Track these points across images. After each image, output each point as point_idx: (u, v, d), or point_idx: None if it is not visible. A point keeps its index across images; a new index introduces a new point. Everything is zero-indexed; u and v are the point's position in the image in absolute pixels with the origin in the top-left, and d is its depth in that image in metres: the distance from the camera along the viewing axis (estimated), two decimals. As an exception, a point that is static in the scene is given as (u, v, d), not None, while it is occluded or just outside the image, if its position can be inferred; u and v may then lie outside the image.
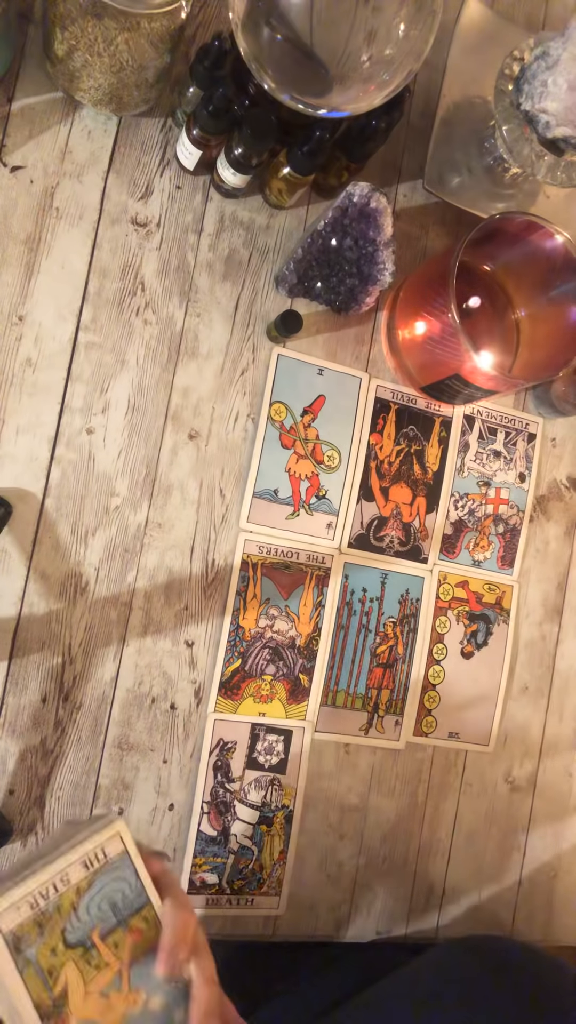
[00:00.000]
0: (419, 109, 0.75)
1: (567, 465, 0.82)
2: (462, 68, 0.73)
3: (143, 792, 0.66)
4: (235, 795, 0.68)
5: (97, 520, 0.65)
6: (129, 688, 0.66)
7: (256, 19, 0.54)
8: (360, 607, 0.73)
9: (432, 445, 0.76)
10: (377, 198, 0.64)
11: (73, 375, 0.64)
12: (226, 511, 0.69)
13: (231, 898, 0.68)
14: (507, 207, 0.75)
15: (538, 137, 0.65)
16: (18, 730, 0.62)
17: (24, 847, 0.62)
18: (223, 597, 0.68)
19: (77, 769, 0.64)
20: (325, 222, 0.65)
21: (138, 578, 0.66)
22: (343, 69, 0.55)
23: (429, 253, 0.76)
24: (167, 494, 0.67)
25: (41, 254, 0.63)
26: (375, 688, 0.73)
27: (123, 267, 0.66)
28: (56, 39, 0.57)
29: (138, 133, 0.66)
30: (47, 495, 0.63)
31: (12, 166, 0.63)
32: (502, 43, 0.71)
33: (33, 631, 0.63)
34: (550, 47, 0.63)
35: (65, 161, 0.64)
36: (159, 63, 0.59)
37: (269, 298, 0.70)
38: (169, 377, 0.67)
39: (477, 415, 0.78)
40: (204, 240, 0.68)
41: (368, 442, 0.73)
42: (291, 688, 0.70)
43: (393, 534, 0.74)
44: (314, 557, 0.71)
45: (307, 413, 0.71)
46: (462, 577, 0.77)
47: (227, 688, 0.68)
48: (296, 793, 0.70)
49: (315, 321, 0.71)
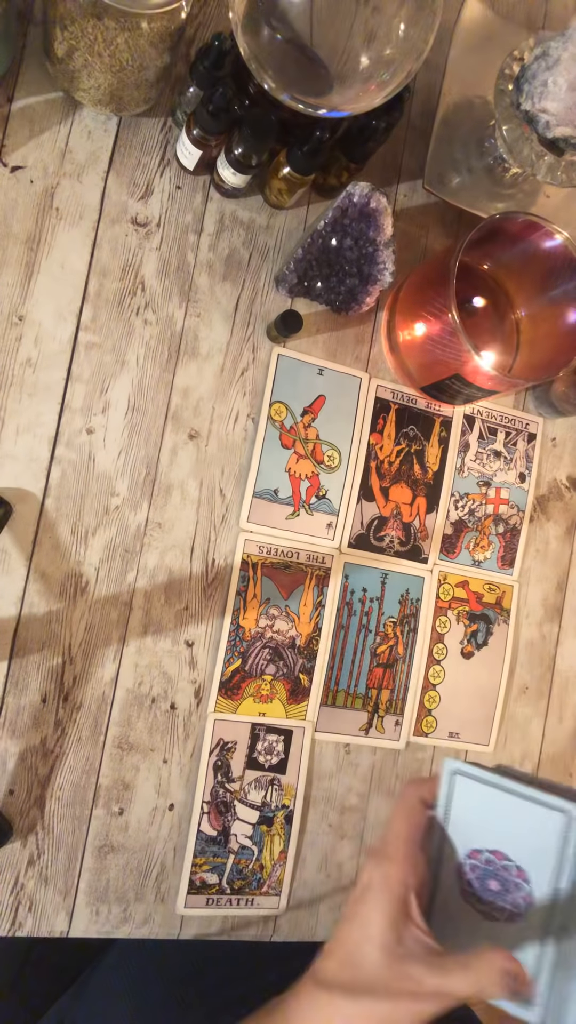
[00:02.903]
0: (419, 109, 0.75)
1: (567, 465, 0.82)
2: (462, 68, 0.73)
3: (143, 792, 0.66)
4: (235, 795, 0.68)
5: (97, 520, 0.65)
6: (129, 688, 0.66)
7: (256, 19, 0.54)
8: (360, 607, 0.73)
9: (432, 445, 0.76)
10: (377, 198, 0.64)
11: (73, 375, 0.64)
12: (226, 511, 0.69)
13: (231, 898, 0.68)
14: (507, 207, 0.75)
15: (538, 137, 0.65)
16: (18, 730, 0.62)
17: (24, 847, 0.62)
18: (223, 597, 0.68)
19: (77, 769, 0.64)
20: (325, 222, 0.65)
21: (138, 578, 0.66)
22: (343, 69, 0.55)
23: (429, 253, 0.76)
24: (167, 494, 0.67)
25: (41, 254, 0.63)
26: (375, 688, 0.73)
27: (123, 267, 0.66)
28: (56, 39, 0.57)
29: (138, 133, 0.66)
30: (47, 495, 0.63)
31: (12, 166, 0.63)
32: (502, 43, 0.71)
33: (33, 631, 0.63)
34: (550, 47, 0.63)
35: (65, 161, 0.64)
36: (159, 63, 0.59)
37: (269, 298, 0.70)
38: (169, 377, 0.67)
39: (477, 415, 0.78)
40: (204, 240, 0.68)
41: (368, 442, 0.73)
42: (291, 688, 0.70)
43: (393, 534, 0.74)
44: (314, 557, 0.71)
45: (307, 413, 0.71)
46: (462, 577, 0.77)
47: (227, 688, 0.68)
48: (296, 793, 0.70)
49: (315, 321, 0.71)
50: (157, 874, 0.66)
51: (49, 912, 0.63)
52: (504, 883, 0.41)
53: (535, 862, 0.40)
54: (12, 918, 0.62)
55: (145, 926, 0.66)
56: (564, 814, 0.39)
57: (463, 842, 0.42)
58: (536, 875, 0.40)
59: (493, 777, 0.41)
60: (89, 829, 0.64)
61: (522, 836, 0.40)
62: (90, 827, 0.64)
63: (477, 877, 0.42)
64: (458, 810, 0.42)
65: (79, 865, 0.64)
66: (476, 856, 0.42)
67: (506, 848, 0.41)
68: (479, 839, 0.42)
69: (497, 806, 0.41)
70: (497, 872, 0.41)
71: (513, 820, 0.40)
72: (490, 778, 0.41)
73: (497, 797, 0.41)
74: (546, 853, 0.39)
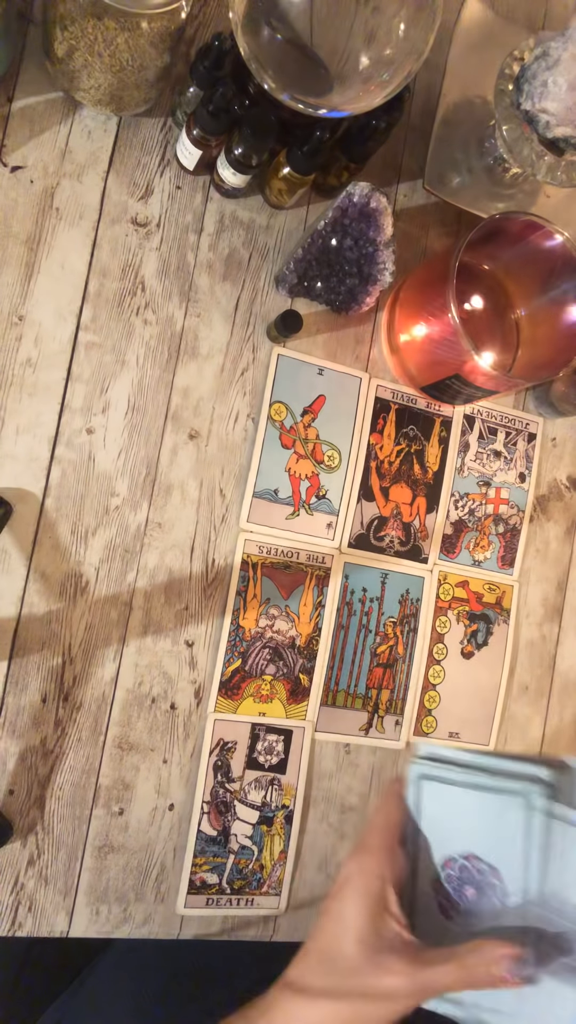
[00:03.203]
0: (419, 109, 0.75)
1: (567, 465, 0.82)
2: (462, 68, 0.73)
3: (143, 792, 0.66)
4: (235, 795, 0.68)
5: (97, 520, 0.65)
6: (129, 688, 0.66)
7: (256, 19, 0.54)
8: (360, 607, 0.73)
9: (432, 445, 0.76)
10: (377, 198, 0.64)
11: (73, 375, 0.64)
12: (226, 511, 0.69)
13: (231, 898, 0.68)
14: (507, 207, 0.75)
15: (538, 137, 0.65)
16: (18, 730, 0.62)
17: (24, 847, 0.62)
18: (223, 597, 0.68)
19: (77, 769, 0.64)
20: (325, 222, 0.65)
21: (138, 578, 0.66)
22: (343, 69, 0.55)
23: (429, 253, 0.76)
24: (167, 494, 0.67)
25: (41, 254, 0.63)
26: (375, 688, 0.73)
27: (123, 267, 0.66)
28: (56, 39, 0.57)
29: (138, 133, 0.66)
30: (47, 495, 0.63)
31: (12, 166, 0.63)
32: (502, 43, 0.71)
33: (33, 631, 0.63)
34: (550, 47, 0.63)
35: (65, 161, 0.64)
36: (159, 63, 0.59)
37: (269, 298, 0.70)
38: (169, 377, 0.67)
39: (477, 415, 0.78)
40: (204, 240, 0.68)
41: (368, 442, 0.73)
42: (291, 688, 0.70)
43: (393, 534, 0.74)
44: (314, 557, 0.71)
45: (307, 413, 0.71)
46: (462, 577, 0.77)
47: (227, 688, 0.68)
48: (296, 793, 0.70)
49: (315, 321, 0.71)
50: (157, 874, 0.66)
51: (49, 912, 0.63)
52: (480, 888, 0.41)
53: (505, 855, 0.40)
54: (12, 918, 0.62)
55: (145, 926, 0.66)
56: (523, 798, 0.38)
57: (437, 850, 0.42)
58: (507, 871, 0.40)
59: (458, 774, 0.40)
60: (89, 829, 0.64)
61: (490, 829, 0.40)
62: (90, 827, 0.64)
63: (454, 888, 0.41)
64: (428, 817, 0.42)
65: (79, 865, 0.64)
66: (450, 865, 0.41)
67: (477, 848, 0.40)
68: (451, 844, 0.41)
69: (465, 804, 0.40)
70: (472, 878, 0.41)
71: (480, 815, 0.40)
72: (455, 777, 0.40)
73: (463, 795, 0.40)
74: (513, 843, 0.39)
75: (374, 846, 0.41)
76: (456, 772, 0.41)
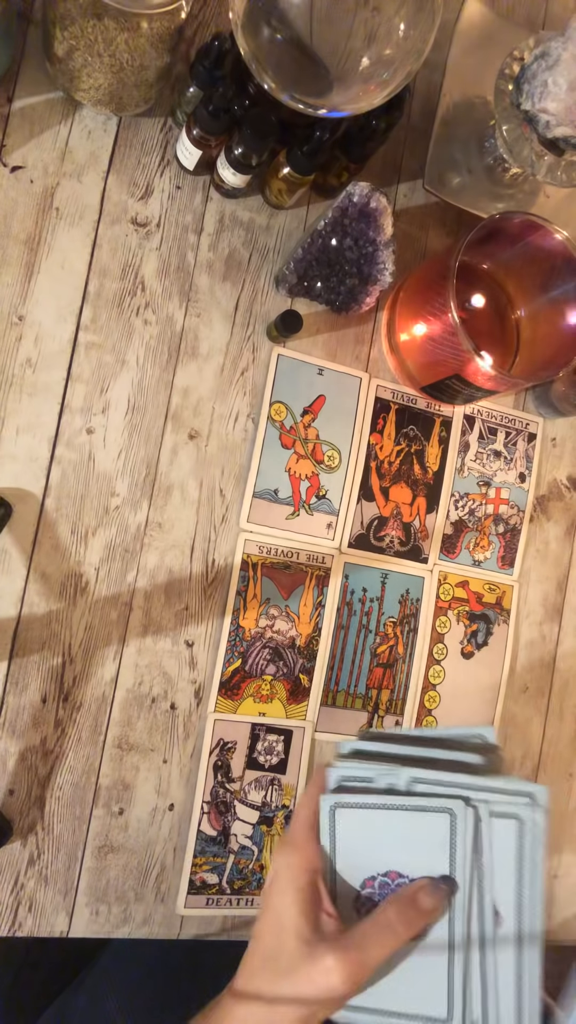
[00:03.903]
0: (419, 109, 0.75)
1: (567, 465, 0.82)
2: (462, 68, 0.73)
3: (143, 792, 0.66)
4: (235, 795, 0.68)
5: (97, 520, 0.65)
6: (129, 688, 0.66)
7: (256, 19, 0.54)
8: (360, 607, 0.73)
9: (432, 445, 0.76)
10: (377, 198, 0.64)
11: (73, 375, 0.64)
12: (226, 511, 0.69)
13: (231, 898, 0.68)
14: (507, 207, 0.75)
15: (538, 137, 0.65)
16: (18, 730, 0.62)
17: (24, 847, 0.62)
18: (223, 597, 0.68)
19: (77, 769, 0.64)
20: (325, 222, 0.65)
21: (138, 578, 0.66)
22: (343, 69, 0.55)
23: (429, 253, 0.76)
24: (167, 494, 0.67)
25: (41, 254, 0.63)
26: (375, 688, 0.73)
27: (123, 267, 0.66)
28: (56, 39, 0.57)
29: (138, 133, 0.66)
30: (47, 495, 0.63)
31: (12, 166, 0.63)
32: (502, 43, 0.71)
33: (33, 631, 0.63)
34: (550, 47, 0.63)
35: (65, 161, 0.64)
36: (159, 63, 0.59)
37: (269, 298, 0.70)
38: (169, 377, 0.67)
39: (477, 415, 0.78)
40: (204, 240, 0.68)
41: (368, 442, 0.73)
42: (291, 688, 0.70)
43: (393, 534, 0.74)
44: (314, 557, 0.71)
45: (307, 413, 0.71)
46: (462, 577, 0.77)
47: (227, 688, 0.68)
48: (296, 793, 0.70)
49: (315, 321, 0.71)
50: (157, 874, 0.66)
51: (49, 912, 0.63)
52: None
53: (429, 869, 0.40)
54: (12, 918, 0.62)
55: (145, 926, 0.66)
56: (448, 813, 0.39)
57: (356, 875, 0.41)
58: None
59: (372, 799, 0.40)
60: (89, 829, 0.64)
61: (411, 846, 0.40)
62: (90, 827, 0.64)
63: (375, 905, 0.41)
64: (343, 843, 0.41)
65: (79, 865, 0.64)
66: (370, 884, 0.41)
67: (399, 865, 0.40)
68: (370, 866, 0.41)
69: (382, 824, 0.40)
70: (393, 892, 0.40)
71: (400, 833, 0.40)
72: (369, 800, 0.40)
73: (379, 816, 0.40)
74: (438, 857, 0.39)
75: (300, 840, 0.41)
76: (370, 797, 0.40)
